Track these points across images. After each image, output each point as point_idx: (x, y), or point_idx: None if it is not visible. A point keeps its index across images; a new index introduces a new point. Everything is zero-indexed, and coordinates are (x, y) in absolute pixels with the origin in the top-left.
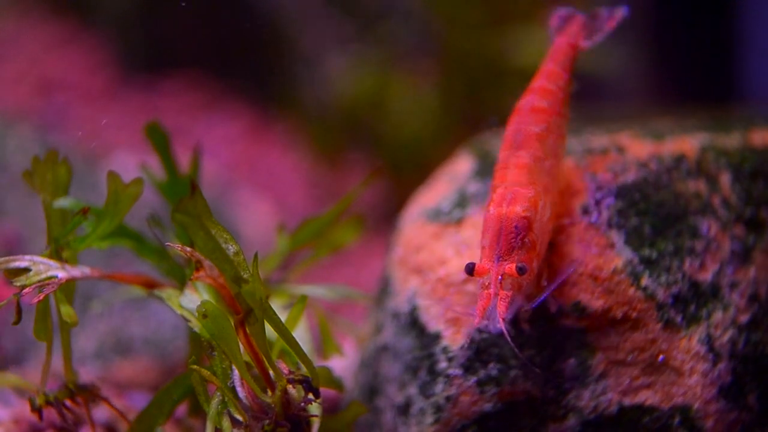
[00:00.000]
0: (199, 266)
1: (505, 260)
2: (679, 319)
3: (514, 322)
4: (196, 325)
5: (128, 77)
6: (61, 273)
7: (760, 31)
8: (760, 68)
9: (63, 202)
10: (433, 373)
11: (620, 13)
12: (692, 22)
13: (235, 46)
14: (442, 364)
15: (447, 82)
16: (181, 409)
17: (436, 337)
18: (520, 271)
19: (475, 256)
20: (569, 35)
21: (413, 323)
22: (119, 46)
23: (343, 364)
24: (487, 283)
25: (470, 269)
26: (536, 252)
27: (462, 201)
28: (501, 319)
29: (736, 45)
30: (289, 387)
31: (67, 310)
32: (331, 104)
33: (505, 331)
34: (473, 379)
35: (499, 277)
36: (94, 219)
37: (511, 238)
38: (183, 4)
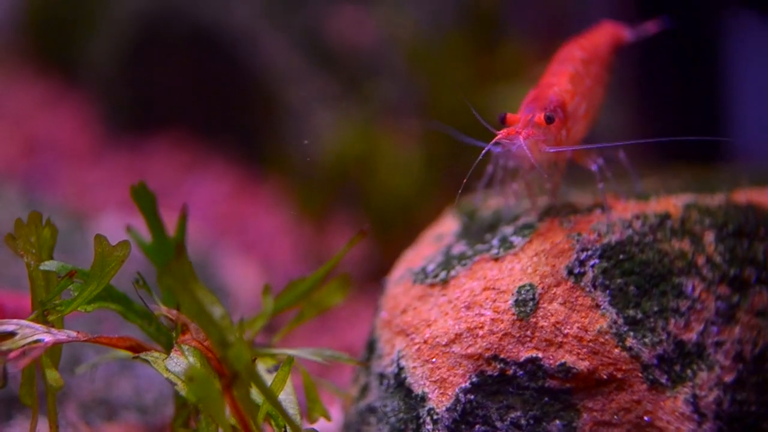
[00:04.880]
0: (185, 329)
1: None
2: (664, 379)
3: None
4: (183, 389)
5: (115, 136)
6: (47, 337)
7: (746, 90)
8: (746, 128)
9: (49, 266)
10: None
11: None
12: (678, 81)
13: (221, 105)
14: (428, 427)
15: (432, 140)
16: None
17: (422, 399)
18: (548, 119)
19: (461, 317)
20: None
21: (399, 385)
22: (105, 105)
23: (329, 427)
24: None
25: (502, 118)
26: (566, 126)
27: (447, 263)
28: (523, 140)
29: (722, 104)
30: None
31: (52, 374)
32: (318, 163)
33: (525, 147)
34: None
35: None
36: (81, 282)
37: (544, 102)
38: None
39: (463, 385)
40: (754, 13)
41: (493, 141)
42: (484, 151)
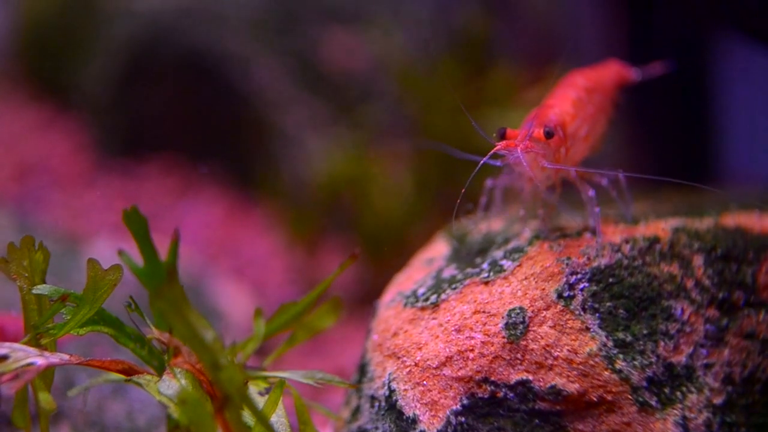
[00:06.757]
0: (177, 353)
1: (536, 129)
2: (654, 401)
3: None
4: (175, 411)
5: (107, 161)
6: (39, 360)
7: (737, 114)
8: (736, 152)
9: (41, 289)
10: None
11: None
12: (669, 106)
13: (213, 130)
14: None
15: (422, 164)
16: None
17: (413, 421)
18: (548, 135)
19: (451, 339)
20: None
21: (390, 407)
22: (97, 129)
23: None
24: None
25: (502, 133)
26: (565, 144)
27: (438, 286)
28: (521, 151)
29: (713, 129)
30: None
31: (45, 397)
32: (309, 187)
33: (523, 159)
34: None
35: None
36: (73, 306)
37: (544, 120)
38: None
39: (454, 408)
40: (743, 38)
41: (492, 152)
42: (481, 163)
